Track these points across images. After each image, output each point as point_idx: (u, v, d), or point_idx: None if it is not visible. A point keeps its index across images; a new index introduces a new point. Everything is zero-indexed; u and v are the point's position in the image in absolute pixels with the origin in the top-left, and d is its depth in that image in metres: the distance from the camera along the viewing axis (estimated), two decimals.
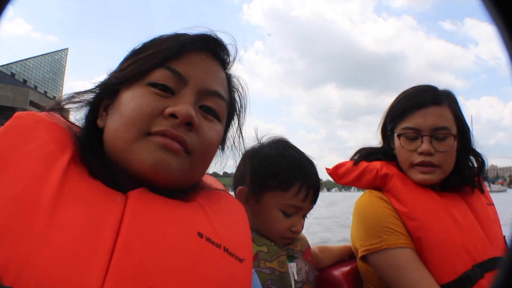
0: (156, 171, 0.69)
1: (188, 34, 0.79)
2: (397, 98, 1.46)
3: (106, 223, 0.60)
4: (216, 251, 0.68)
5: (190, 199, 0.78)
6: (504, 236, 1.42)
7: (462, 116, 1.40)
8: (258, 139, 1.31)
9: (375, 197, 1.38)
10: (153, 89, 0.73)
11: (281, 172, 1.20)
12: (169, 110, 0.71)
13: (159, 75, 0.74)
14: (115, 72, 0.79)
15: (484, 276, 1.21)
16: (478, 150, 1.46)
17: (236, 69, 0.89)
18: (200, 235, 0.68)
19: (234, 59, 0.87)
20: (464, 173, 1.42)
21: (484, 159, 1.46)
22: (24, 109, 0.81)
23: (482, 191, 1.49)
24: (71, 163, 0.67)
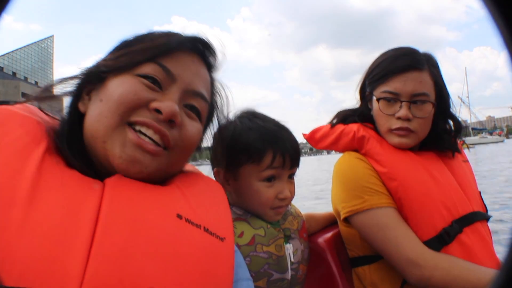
0: (127, 168, 0.71)
1: (181, 34, 0.82)
2: (377, 59, 1.44)
3: (84, 211, 0.61)
4: (196, 231, 0.69)
5: (167, 182, 0.79)
6: (480, 192, 1.46)
7: (442, 80, 1.41)
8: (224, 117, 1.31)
9: (354, 158, 1.39)
10: (142, 80, 0.75)
11: (250, 145, 1.17)
12: (154, 104, 0.73)
13: (149, 69, 0.76)
14: (105, 60, 0.80)
15: (463, 231, 1.24)
16: (456, 114, 1.48)
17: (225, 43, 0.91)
18: (179, 216, 0.69)
19: (220, 64, 0.91)
20: (443, 137, 1.45)
21: (461, 123, 1.49)
22: (17, 102, 0.85)
23: (459, 151, 1.52)
24: (46, 154, 0.67)
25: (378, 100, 1.38)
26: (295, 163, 1.22)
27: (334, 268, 1.43)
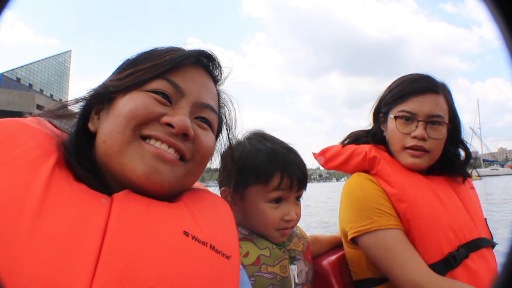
0: (148, 179, 0.71)
1: (184, 49, 0.83)
2: (395, 82, 1.49)
3: (91, 226, 0.61)
4: (202, 249, 0.69)
5: (174, 199, 0.79)
6: (486, 219, 1.46)
7: (455, 108, 1.45)
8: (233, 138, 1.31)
9: (364, 178, 1.40)
10: (153, 94, 0.76)
11: (258, 167, 1.18)
12: (166, 119, 0.74)
13: (158, 85, 0.77)
14: (111, 80, 0.80)
15: (469, 256, 1.25)
16: (467, 144, 1.52)
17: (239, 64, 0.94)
18: (186, 234, 0.69)
19: (226, 77, 0.93)
20: (454, 162, 1.47)
21: (471, 153, 1.52)
22: (31, 113, 0.86)
23: (470, 176, 1.54)
24: (56, 168, 0.68)
25: (395, 118, 1.40)
26: (302, 186, 1.23)
27: None
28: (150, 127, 0.74)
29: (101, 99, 0.79)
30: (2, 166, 0.63)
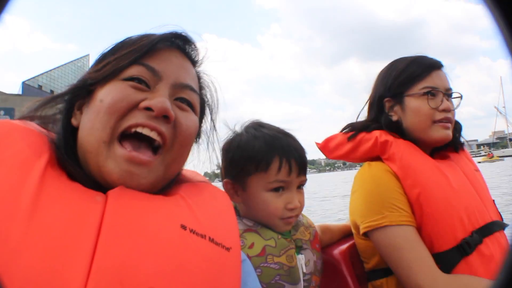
0: (125, 183, 0.70)
1: (158, 34, 0.81)
2: (398, 65, 1.46)
3: (86, 224, 0.60)
4: (201, 242, 0.68)
5: (171, 192, 0.78)
6: (493, 200, 1.44)
7: None
8: (231, 130, 1.30)
9: (377, 169, 1.36)
10: (129, 83, 0.74)
11: (255, 154, 1.17)
12: (144, 103, 0.73)
13: (134, 71, 0.75)
14: (89, 73, 0.79)
15: (483, 241, 1.22)
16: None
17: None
18: (184, 227, 0.68)
19: (203, 58, 0.91)
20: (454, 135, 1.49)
21: (461, 124, 1.54)
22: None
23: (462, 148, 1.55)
24: (48, 167, 0.67)
25: (423, 95, 1.39)
26: (303, 171, 1.21)
27: (350, 281, 1.41)
28: (131, 116, 0.72)
29: (81, 93, 0.78)
30: None
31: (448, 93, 1.41)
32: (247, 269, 0.82)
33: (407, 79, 1.42)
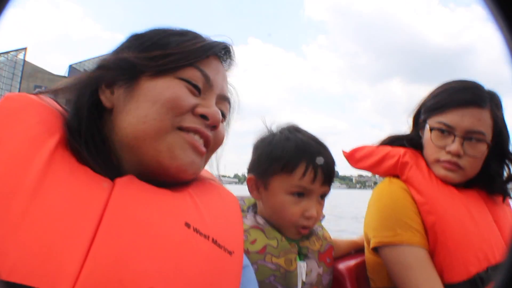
0: (186, 170, 0.72)
1: (211, 40, 0.82)
2: (438, 88, 1.39)
3: (89, 209, 0.59)
4: (204, 242, 0.66)
5: (180, 188, 0.76)
6: None
7: (503, 122, 1.34)
8: (267, 128, 1.31)
9: (396, 186, 1.32)
10: (185, 83, 0.74)
11: (284, 155, 1.17)
12: (200, 110, 0.74)
13: (191, 74, 0.75)
14: (137, 57, 0.74)
15: None
16: None
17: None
18: (188, 225, 0.66)
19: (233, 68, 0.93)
20: (496, 180, 1.36)
21: None
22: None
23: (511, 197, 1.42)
24: (59, 146, 0.65)
25: (431, 129, 1.33)
26: (327, 181, 1.19)
27: None
28: (186, 118, 0.73)
29: (121, 73, 0.75)
30: (3, 141, 0.61)
31: (468, 136, 1.27)
32: (248, 276, 0.81)
33: (431, 107, 1.37)
